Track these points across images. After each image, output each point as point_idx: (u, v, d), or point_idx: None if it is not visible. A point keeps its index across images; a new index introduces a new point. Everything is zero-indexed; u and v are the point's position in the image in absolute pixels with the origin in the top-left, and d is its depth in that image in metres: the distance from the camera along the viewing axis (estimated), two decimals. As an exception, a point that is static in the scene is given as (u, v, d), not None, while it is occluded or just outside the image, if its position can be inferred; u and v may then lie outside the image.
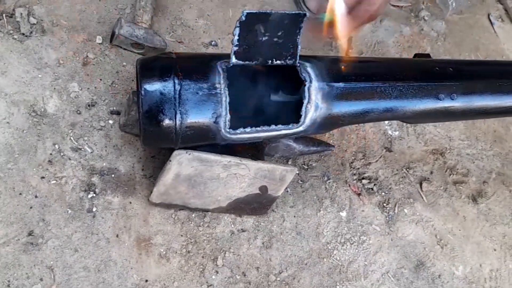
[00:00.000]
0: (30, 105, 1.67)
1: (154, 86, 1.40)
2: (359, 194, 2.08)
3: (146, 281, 1.57)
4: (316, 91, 1.54)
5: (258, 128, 1.52)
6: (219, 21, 2.22)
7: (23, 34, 1.77)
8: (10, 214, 1.49)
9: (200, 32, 2.15)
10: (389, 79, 1.63)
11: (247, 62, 1.46)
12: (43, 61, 1.76)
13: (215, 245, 1.71)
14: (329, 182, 2.04)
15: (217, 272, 1.68)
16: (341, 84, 1.58)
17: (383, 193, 2.13)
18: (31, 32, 1.79)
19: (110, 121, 1.75)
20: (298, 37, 1.46)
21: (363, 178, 2.13)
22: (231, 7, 2.28)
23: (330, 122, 1.62)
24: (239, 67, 1.49)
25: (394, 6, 2.75)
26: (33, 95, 1.69)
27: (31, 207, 1.52)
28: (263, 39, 1.43)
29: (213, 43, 2.14)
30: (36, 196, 1.54)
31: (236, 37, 1.41)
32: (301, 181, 1.99)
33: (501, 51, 3.04)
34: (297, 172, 1.93)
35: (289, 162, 1.99)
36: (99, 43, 1.89)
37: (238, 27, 1.40)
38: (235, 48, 1.42)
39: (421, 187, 2.24)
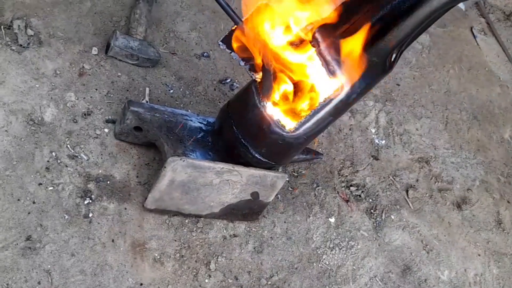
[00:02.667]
0: (28, 114, 1.71)
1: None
2: (347, 201, 2.14)
3: (141, 284, 1.61)
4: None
5: (310, 114, 1.55)
6: (211, 33, 2.29)
7: (21, 45, 1.83)
8: (9, 219, 1.53)
9: (192, 43, 2.22)
10: None
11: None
12: (40, 72, 1.81)
13: (208, 249, 1.76)
14: (318, 189, 2.10)
15: (210, 276, 1.72)
16: None
17: (370, 200, 2.20)
18: (29, 43, 1.84)
19: (106, 130, 1.80)
20: None
21: (351, 185, 2.20)
22: (223, 20, 2.35)
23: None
24: None
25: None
26: (31, 104, 1.74)
27: (29, 213, 1.56)
28: None
29: (205, 54, 2.21)
30: (34, 202, 1.58)
31: (239, 60, 1.49)
32: (291, 188, 2.05)
33: (483, 63, 3.14)
34: (288, 179, 1.99)
35: (280, 169, 2.04)
36: (95, 54, 1.95)
37: (231, 53, 1.48)
38: (247, 66, 1.50)
39: (407, 194, 2.31)
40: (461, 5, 3.14)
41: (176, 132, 1.73)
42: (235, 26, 1.50)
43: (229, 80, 2.19)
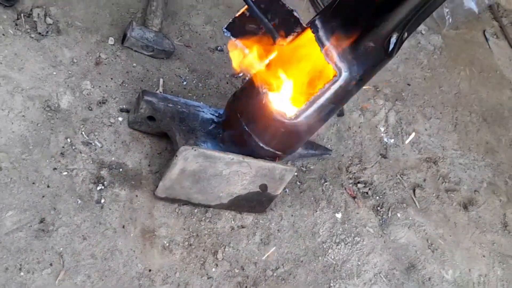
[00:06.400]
0: (45, 100, 1.75)
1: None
2: (354, 197, 2.16)
3: (150, 270, 1.65)
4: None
5: (310, 101, 1.56)
6: (225, 27, 2.32)
7: (40, 33, 1.87)
8: (24, 201, 1.57)
9: (206, 37, 2.25)
10: None
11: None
12: (58, 59, 1.85)
13: (215, 239, 1.79)
14: (326, 185, 2.13)
15: (217, 265, 1.76)
16: None
17: (377, 197, 2.22)
18: (47, 32, 1.88)
19: (120, 118, 1.84)
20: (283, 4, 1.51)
21: (358, 182, 2.22)
22: (237, 15, 2.38)
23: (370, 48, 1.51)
24: None
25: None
26: (48, 91, 1.78)
27: (43, 196, 1.60)
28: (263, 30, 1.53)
29: (219, 48, 2.24)
30: (48, 186, 1.62)
31: (244, 48, 1.52)
32: (299, 182, 2.07)
33: (495, 66, 3.15)
34: (296, 173, 2.02)
35: (289, 163, 2.07)
36: (111, 44, 1.98)
37: (235, 40, 1.52)
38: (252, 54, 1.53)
39: (414, 193, 2.33)
40: (474, 8, 3.14)
41: (188, 123, 1.76)
42: (239, 13, 1.52)
43: (241, 74, 2.22)
